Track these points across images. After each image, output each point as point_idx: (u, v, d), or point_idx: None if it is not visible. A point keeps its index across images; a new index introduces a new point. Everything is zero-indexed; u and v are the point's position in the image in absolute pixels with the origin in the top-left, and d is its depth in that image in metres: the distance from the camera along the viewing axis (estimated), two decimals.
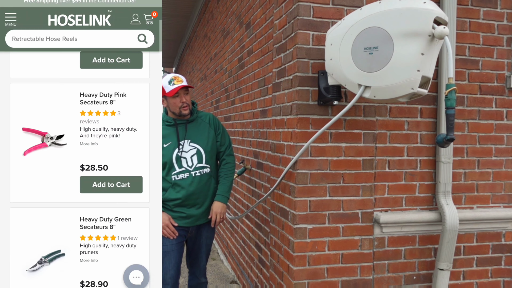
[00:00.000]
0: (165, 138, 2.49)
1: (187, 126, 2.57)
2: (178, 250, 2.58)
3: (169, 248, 2.53)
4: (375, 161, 2.43)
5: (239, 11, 3.92)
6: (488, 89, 2.58)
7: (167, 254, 2.52)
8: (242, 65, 3.82)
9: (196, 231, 2.65)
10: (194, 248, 2.72)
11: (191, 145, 2.55)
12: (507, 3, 2.57)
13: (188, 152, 2.54)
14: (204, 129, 2.62)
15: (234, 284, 3.96)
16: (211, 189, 2.63)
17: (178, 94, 2.50)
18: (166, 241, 2.52)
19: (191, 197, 2.53)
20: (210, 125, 2.64)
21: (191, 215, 2.56)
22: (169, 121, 2.56)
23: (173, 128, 2.55)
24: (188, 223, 2.57)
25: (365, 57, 1.93)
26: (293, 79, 2.37)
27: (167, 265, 2.53)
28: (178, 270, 2.62)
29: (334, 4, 2.32)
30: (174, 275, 2.58)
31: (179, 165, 2.51)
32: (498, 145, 2.62)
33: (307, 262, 2.35)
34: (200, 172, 2.55)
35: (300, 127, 2.31)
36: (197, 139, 2.57)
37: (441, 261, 2.44)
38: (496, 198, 2.63)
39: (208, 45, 6.00)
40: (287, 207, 2.47)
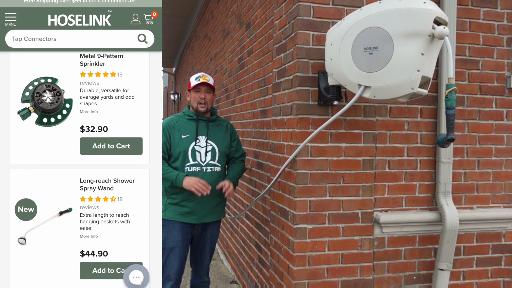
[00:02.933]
0: (185, 130, 2.61)
1: (208, 124, 2.69)
2: (183, 247, 2.64)
3: (175, 244, 2.59)
4: (375, 161, 2.43)
5: (239, 11, 3.92)
6: (488, 89, 2.58)
7: (172, 250, 2.59)
8: (242, 65, 3.82)
9: (202, 229, 2.71)
10: (198, 246, 2.76)
11: (208, 142, 2.65)
12: (507, 3, 2.57)
13: (203, 148, 2.63)
14: (221, 132, 2.74)
15: (234, 284, 3.96)
16: (219, 189, 2.67)
17: (199, 90, 2.64)
18: (172, 237, 2.59)
19: None
20: (227, 130, 2.78)
21: (197, 211, 2.61)
22: (191, 116, 2.68)
23: (194, 123, 2.66)
24: (194, 220, 2.62)
25: (365, 57, 1.93)
26: (293, 79, 2.37)
27: (172, 261, 2.60)
28: (182, 267, 2.67)
29: (334, 4, 2.32)
30: (178, 270, 2.63)
31: (193, 158, 2.59)
32: (498, 145, 2.62)
33: (307, 262, 2.35)
34: (211, 169, 2.63)
35: (300, 127, 2.31)
36: (214, 138, 2.68)
37: (441, 261, 2.44)
38: (496, 198, 2.63)
39: (208, 45, 6.01)
40: (287, 207, 2.47)
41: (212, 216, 2.69)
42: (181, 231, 2.61)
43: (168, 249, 2.59)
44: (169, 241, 2.59)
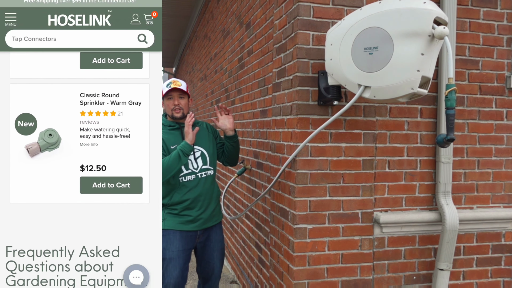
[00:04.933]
0: (171, 141, 2.53)
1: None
2: (184, 257, 2.53)
3: (175, 254, 2.49)
4: (375, 161, 2.43)
5: (239, 11, 3.92)
6: (488, 89, 2.58)
7: (171, 261, 2.48)
8: (242, 65, 3.82)
9: (205, 236, 2.64)
10: (204, 254, 2.67)
11: (196, 148, 2.60)
12: (507, 3, 2.57)
13: (192, 155, 2.57)
14: (205, 134, 2.69)
15: (234, 284, 3.96)
16: (215, 192, 2.67)
17: (172, 96, 2.56)
18: (172, 247, 2.48)
19: (198, 199, 2.54)
20: (209, 131, 2.73)
21: (199, 218, 2.55)
22: (172, 125, 2.60)
23: (177, 132, 2.59)
24: (196, 227, 2.56)
25: (365, 57, 1.93)
26: (293, 79, 2.37)
27: (171, 272, 2.49)
28: (183, 278, 2.56)
29: (334, 4, 2.32)
30: (178, 282, 2.52)
31: (186, 167, 2.54)
32: (498, 145, 2.62)
33: (307, 262, 2.35)
34: (205, 173, 2.60)
35: (300, 127, 2.31)
36: (201, 142, 2.63)
37: (441, 261, 2.44)
38: (496, 198, 2.63)
39: (208, 45, 6.00)
40: (287, 207, 2.47)
41: (212, 220, 2.64)
42: (182, 240, 2.51)
43: (167, 259, 2.47)
44: (169, 251, 2.47)
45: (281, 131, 2.58)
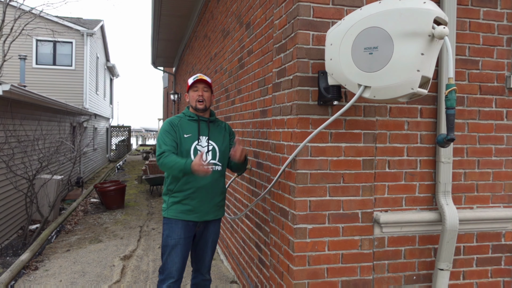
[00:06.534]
0: (186, 130, 2.68)
1: (209, 125, 2.77)
2: (186, 245, 2.68)
3: (177, 241, 2.65)
4: (375, 161, 2.43)
5: (239, 11, 3.92)
6: (488, 89, 2.58)
7: (174, 247, 2.65)
8: (242, 65, 3.82)
9: (203, 227, 2.77)
10: (200, 243, 2.81)
11: (209, 142, 2.73)
12: (507, 3, 2.57)
13: (204, 147, 2.70)
14: (221, 132, 2.83)
15: (234, 284, 3.96)
16: (220, 187, 2.77)
17: (197, 88, 2.73)
18: (174, 234, 2.64)
19: (201, 190, 2.65)
20: (226, 130, 2.87)
21: (199, 209, 2.66)
22: (192, 116, 2.75)
23: (195, 123, 2.73)
24: (196, 218, 2.67)
25: (365, 57, 1.93)
26: (293, 79, 2.37)
27: (173, 258, 2.64)
28: (184, 264, 2.70)
29: (334, 4, 2.32)
30: (180, 268, 2.67)
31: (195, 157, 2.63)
32: (498, 145, 2.62)
33: (307, 262, 2.35)
34: (212, 167, 2.70)
35: (300, 127, 2.31)
36: (215, 138, 2.76)
37: (441, 261, 2.44)
38: (496, 198, 2.63)
39: (208, 45, 6.00)
40: (287, 207, 2.47)
41: (213, 214, 2.75)
42: (184, 228, 2.66)
43: (170, 246, 2.64)
44: (171, 238, 2.64)
45: (281, 131, 2.58)
